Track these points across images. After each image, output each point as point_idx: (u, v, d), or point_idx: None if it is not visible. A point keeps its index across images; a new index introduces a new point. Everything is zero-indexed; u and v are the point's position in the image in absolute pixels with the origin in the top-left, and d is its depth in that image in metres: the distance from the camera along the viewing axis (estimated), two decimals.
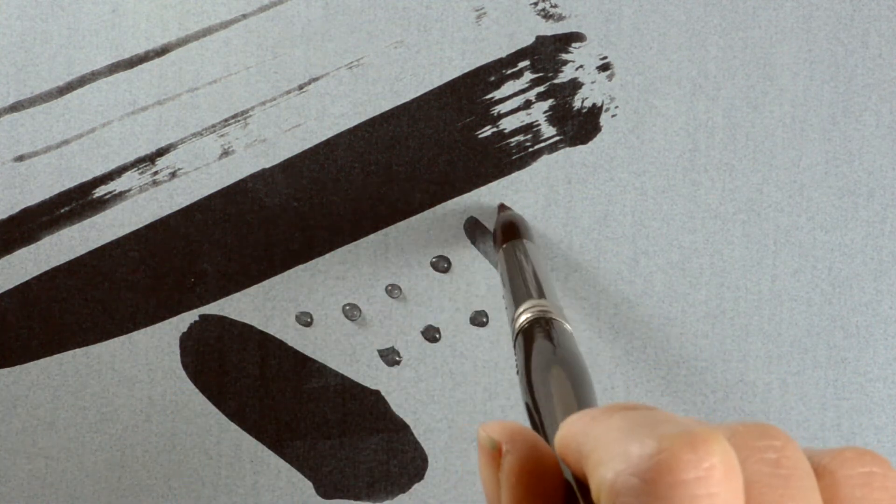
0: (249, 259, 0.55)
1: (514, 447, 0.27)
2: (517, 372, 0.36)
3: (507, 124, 0.54)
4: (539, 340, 0.37)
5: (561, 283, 0.54)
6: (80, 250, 0.55)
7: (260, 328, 0.55)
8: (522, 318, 0.39)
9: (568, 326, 0.39)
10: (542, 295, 0.42)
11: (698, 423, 0.25)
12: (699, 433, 0.23)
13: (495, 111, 0.54)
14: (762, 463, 0.24)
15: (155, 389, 0.55)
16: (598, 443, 0.25)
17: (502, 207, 0.53)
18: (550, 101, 0.54)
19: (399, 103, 0.54)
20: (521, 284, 0.44)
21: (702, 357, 0.55)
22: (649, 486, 0.22)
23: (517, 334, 0.39)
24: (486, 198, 0.54)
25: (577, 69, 0.54)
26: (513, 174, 0.54)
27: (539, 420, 0.33)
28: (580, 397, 0.33)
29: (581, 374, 0.34)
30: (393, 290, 0.55)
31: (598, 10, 0.54)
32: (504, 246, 0.49)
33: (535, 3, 0.54)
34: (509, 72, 0.54)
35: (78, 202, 0.55)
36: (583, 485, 0.26)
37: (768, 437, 0.25)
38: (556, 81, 0.54)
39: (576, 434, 0.26)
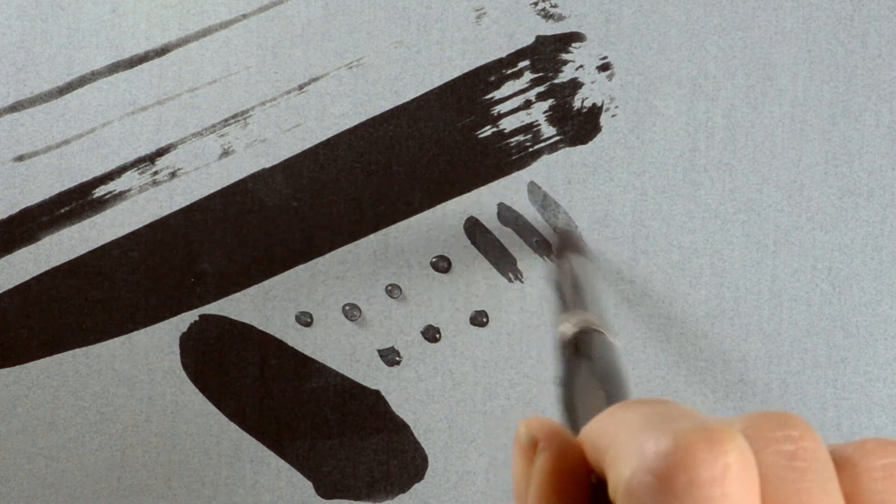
0: (249, 259, 0.55)
1: (549, 445, 0.27)
2: (556, 382, 0.36)
3: (507, 124, 0.54)
4: (582, 353, 0.37)
5: None
6: (80, 250, 0.55)
7: (260, 328, 0.55)
8: (568, 328, 0.39)
9: (615, 341, 0.38)
10: (591, 308, 0.41)
11: (714, 419, 0.24)
12: (715, 430, 0.23)
13: (495, 111, 0.54)
14: (778, 455, 0.24)
15: (155, 389, 0.55)
16: (614, 439, 0.24)
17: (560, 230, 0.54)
18: (550, 101, 0.54)
19: (399, 103, 0.54)
20: (572, 295, 0.43)
21: (702, 357, 0.55)
22: (664, 484, 0.22)
23: (561, 344, 0.38)
24: (486, 198, 0.54)
25: (577, 69, 0.54)
26: (513, 174, 0.54)
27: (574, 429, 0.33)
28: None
29: (618, 388, 0.34)
30: (393, 290, 0.55)
31: (598, 10, 0.54)
32: (561, 256, 0.49)
33: (535, 3, 0.54)
34: (509, 72, 0.54)
35: (78, 202, 0.55)
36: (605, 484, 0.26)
37: (786, 427, 0.24)
38: (556, 81, 0.54)
39: (594, 430, 0.26)
